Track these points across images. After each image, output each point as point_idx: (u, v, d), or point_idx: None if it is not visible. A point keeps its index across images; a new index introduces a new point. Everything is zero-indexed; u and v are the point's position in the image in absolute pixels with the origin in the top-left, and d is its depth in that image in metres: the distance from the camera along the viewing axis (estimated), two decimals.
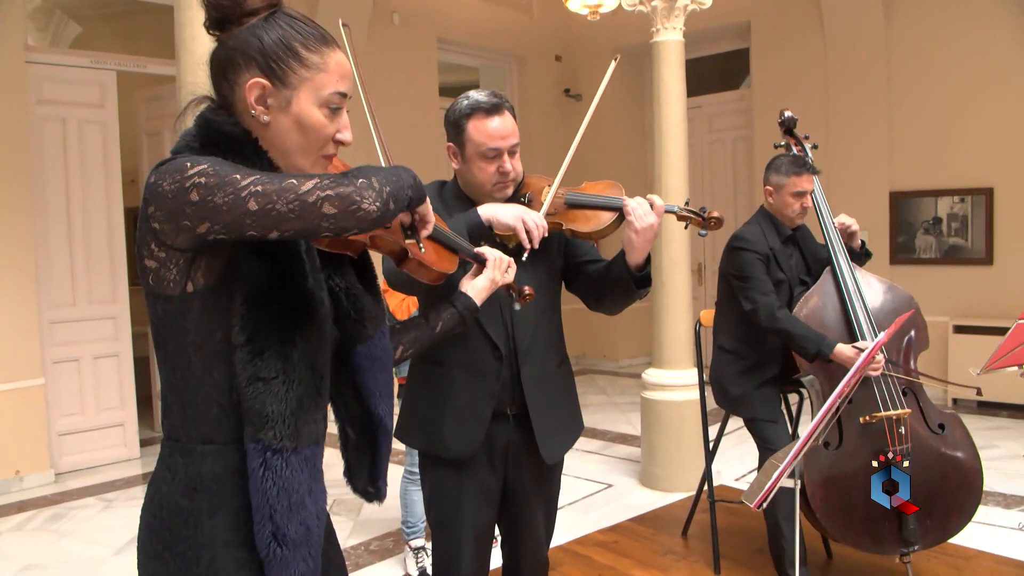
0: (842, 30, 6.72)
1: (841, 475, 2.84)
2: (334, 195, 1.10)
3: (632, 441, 5.68)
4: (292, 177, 1.11)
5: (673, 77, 4.63)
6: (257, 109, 1.24)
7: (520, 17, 8.15)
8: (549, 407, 2.18)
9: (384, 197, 1.16)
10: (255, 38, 1.24)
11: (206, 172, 1.09)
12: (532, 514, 2.27)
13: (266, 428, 1.17)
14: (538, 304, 2.12)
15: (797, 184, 3.12)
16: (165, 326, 1.22)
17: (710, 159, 7.94)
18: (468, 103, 2.08)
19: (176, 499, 1.21)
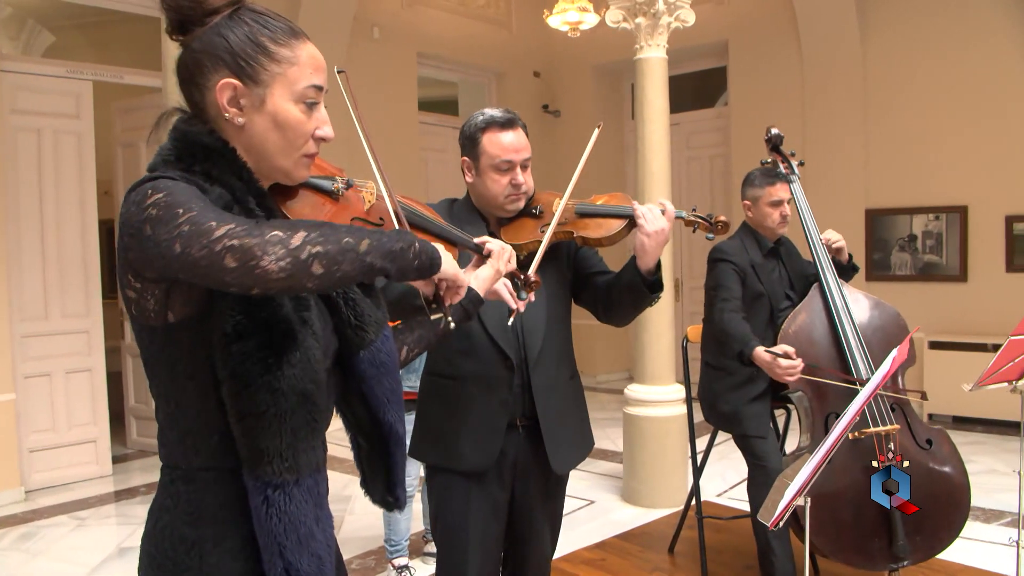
0: (819, 49, 6.82)
1: (831, 492, 2.84)
2: (238, 245, 0.99)
3: (612, 457, 5.66)
4: (216, 219, 1.02)
5: (656, 94, 4.65)
6: (230, 111, 1.19)
7: (499, 33, 8.17)
8: (559, 418, 2.21)
9: (302, 258, 1.02)
10: (220, 37, 1.18)
11: (159, 203, 1.04)
12: (539, 528, 2.29)
13: (263, 464, 1.12)
14: (549, 314, 2.19)
15: (772, 193, 3.16)
16: (155, 357, 1.18)
17: (687, 176, 7.99)
18: (483, 118, 2.18)
19: (179, 528, 1.16)
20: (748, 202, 3.24)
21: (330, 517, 1.24)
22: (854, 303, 3.04)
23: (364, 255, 1.08)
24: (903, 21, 6.47)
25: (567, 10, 6.57)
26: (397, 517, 3.69)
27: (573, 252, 2.31)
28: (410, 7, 7.30)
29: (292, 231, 1.02)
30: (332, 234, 1.05)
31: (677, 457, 4.62)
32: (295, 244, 1.01)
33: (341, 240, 1.06)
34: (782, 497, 1.52)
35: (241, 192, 1.18)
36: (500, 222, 2.24)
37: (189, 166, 1.16)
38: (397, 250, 1.13)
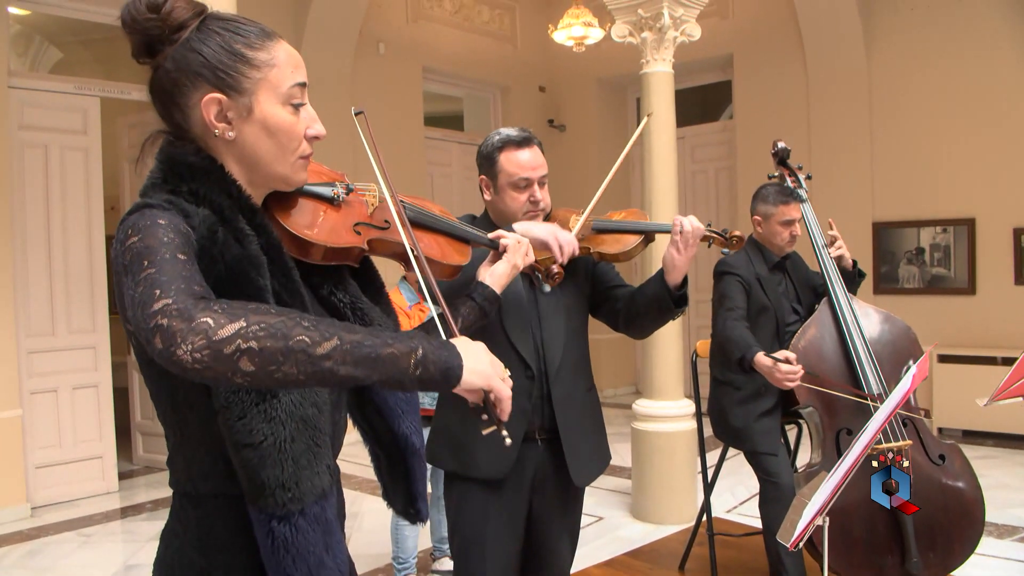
0: (823, 62, 6.82)
1: (842, 507, 2.81)
2: (166, 327, 0.91)
3: (620, 472, 5.62)
4: (163, 287, 0.95)
5: (662, 107, 4.65)
6: (219, 126, 1.15)
7: (504, 48, 8.20)
8: (579, 430, 2.24)
9: (227, 352, 0.91)
10: (194, 53, 1.14)
11: (132, 248, 1.00)
12: (557, 542, 2.30)
13: (264, 496, 1.07)
14: (568, 326, 2.22)
15: (785, 213, 3.16)
16: (157, 388, 1.16)
17: (692, 189, 7.99)
18: (500, 137, 2.23)
19: (189, 555, 1.15)
20: (759, 217, 3.22)
21: (342, 542, 1.20)
22: (864, 317, 3.03)
23: (320, 359, 0.95)
24: (908, 33, 6.47)
25: (572, 25, 6.58)
26: (405, 534, 3.67)
27: (591, 266, 2.35)
28: (415, 22, 7.32)
29: (229, 319, 0.92)
30: (283, 328, 0.93)
31: (686, 473, 4.59)
32: (222, 336, 0.91)
33: (292, 337, 0.93)
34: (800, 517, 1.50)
35: (231, 211, 1.14)
36: None
37: (176, 187, 1.12)
38: (382, 355, 0.99)
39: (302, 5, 6.30)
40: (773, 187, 3.23)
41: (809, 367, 2.93)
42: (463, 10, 7.77)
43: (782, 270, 3.25)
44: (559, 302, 2.15)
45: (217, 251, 1.09)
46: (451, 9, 7.67)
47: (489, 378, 1.13)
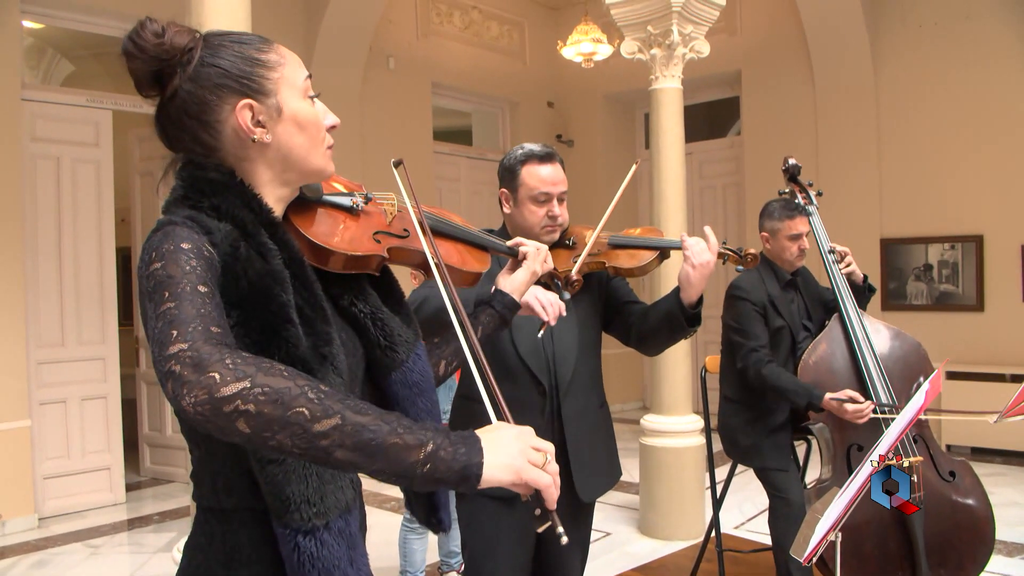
0: (831, 79, 6.84)
1: (853, 524, 2.80)
2: (177, 374, 0.91)
3: (627, 488, 5.61)
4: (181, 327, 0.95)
5: (672, 124, 4.67)
6: (257, 132, 1.17)
7: (513, 63, 8.24)
8: (588, 444, 2.25)
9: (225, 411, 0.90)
10: (211, 67, 1.15)
11: (155, 275, 1.01)
12: (567, 556, 2.31)
13: (290, 511, 1.08)
14: (580, 341, 2.23)
15: (792, 227, 3.16)
16: None
17: (700, 206, 8.00)
18: (523, 152, 2.27)
19: (214, 569, 1.15)
20: (766, 234, 3.23)
21: (365, 555, 1.20)
22: (874, 333, 3.02)
23: (316, 436, 0.91)
24: (915, 49, 6.50)
25: (581, 41, 6.64)
26: (413, 548, 3.67)
27: (605, 282, 2.36)
28: (425, 38, 7.38)
29: (236, 378, 0.90)
30: (286, 395, 0.90)
31: (695, 488, 4.58)
32: (224, 394, 0.89)
33: (292, 407, 0.90)
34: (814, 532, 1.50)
35: (253, 225, 1.14)
36: None
37: (197, 203, 1.13)
38: (387, 445, 0.93)
39: (313, 21, 6.35)
40: (778, 202, 3.24)
41: (820, 382, 2.93)
42: (472, 26, 7.82)
43: (794, 287, 3.25)
44: (572, 316, 2.15)
45: (240, 267, 1.10)
46: (460, 25, 7.72)
47: (518, 472, 1.04)
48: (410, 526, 3.66)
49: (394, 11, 7.03)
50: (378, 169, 7.02)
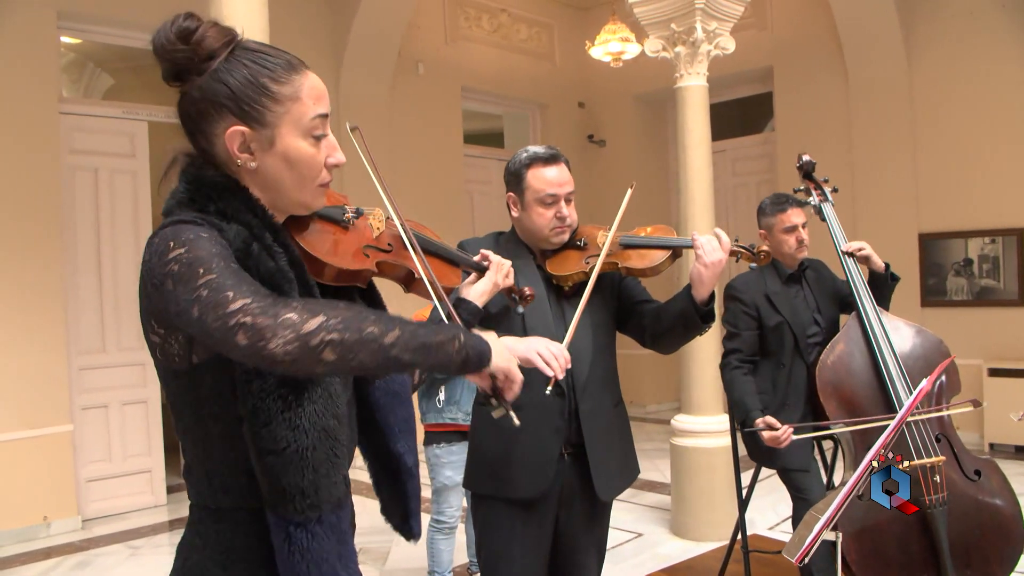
0: (865, 73, 6.73)
1: (875, 525, 2.76)
2: (251, 324, 0.99)
3: (661, 489, 5.59)
4: (234, 289, 1.02)
5: (697, 122, 4.64)
6: (242, 157, 1.18)
7: (543, 65, 8.25)
8: (605, 443, 2.26)
9: (312, 344, 1.00)
10: (221, 84, 1.17)
11: (180, 259, 1.05)
12: (583, 556, 2.31)
13: (284, 502, 1.11)
14: (595, 342, 2.25)
15: (784, 220, 3.14)
16: (180, 400, 1.19)
17: (734, 202, 7.93)
18: (527, 155, 2.27)
19: (208, 567, 1.17)
20: (763, 231, 3.24)
21: (354, 553, 1.23)
22: (894, 331, 2.97)
23: (389, 347, 1.06)
24: (950, 41, 6.36)
25: (609, 41, 6.62)
26: (440, 548, 3.69)
27: (618, 282, 2.37)
28: (453, 42, 7.42)
29: (310, 315, 1.01)
30: (355, 321, 1.03)
31: (726, 489, 4.54)
32: (308, 329, 1.00)
33: (364, 329, 1.04)
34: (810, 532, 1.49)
35: (258, 228, 1.18)
36: (545, 254, 2.30)
37: (203, 207, 1.16)
38: (433, 343, 1.11)
39: (342, 27, 6.43)
40: (770, 198, 3.26)
41: (839, 383, 2.89)
42: (501, 29, 7.85)
43: (799, 281, 3.23)
44: (586, 318, 2.15)
45: (252, 264, 1.13)
46: (489, 28, 7.75)
47: (510, 361, 1.29)
48: (437, 526, 3.69)
49: (422, 16, 7.09)
50: (408, 176, 7.12)
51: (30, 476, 4.89)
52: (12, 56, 4.91)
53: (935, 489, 2.74)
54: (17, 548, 4.77)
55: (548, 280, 2.27)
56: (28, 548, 4.77)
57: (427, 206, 6.87)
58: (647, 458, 6.63)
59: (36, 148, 5.00)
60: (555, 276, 2.26)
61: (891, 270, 3.14)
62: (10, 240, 4.89)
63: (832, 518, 1.36)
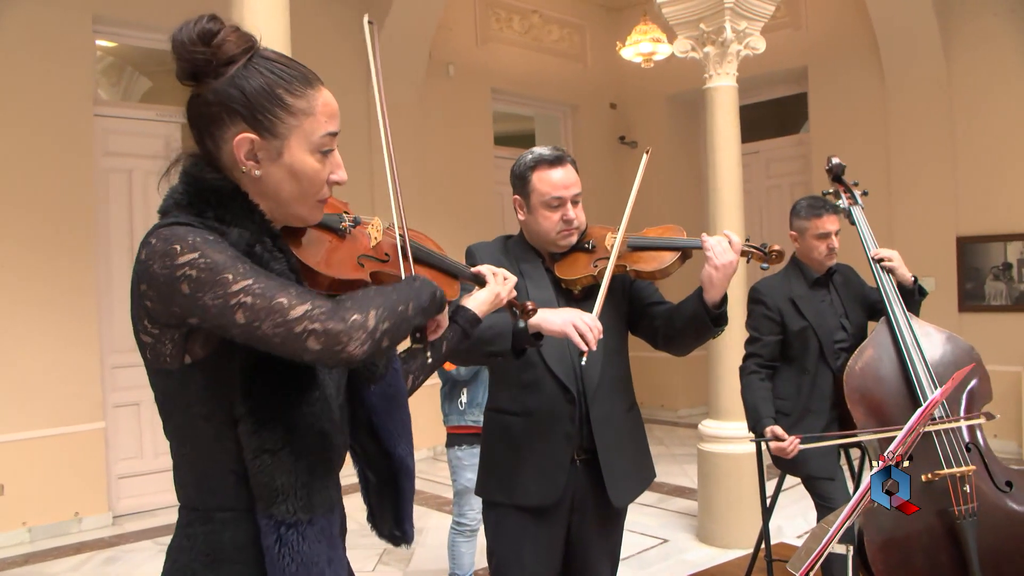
0: (901, 73, 6.59)
1: (903, 536, 2.69)
2: (322, 331, 1.04)
3: (690, 494, 5.52)
4: (283, 294, 1.05)
5: (727, 123, 4.58)
6: (248, 164, 1.18)
7: (574, 66, 8.21)
8: (618, 449, 2.21)
9: (377, 337, 1.09)
10: (236, 90, 1.16)
11: (197, 264, 1.05)
12: (596, 564, 2.27)
13: (277, 503, 1.12)
14: (606, 346, 2.17)
15: (819, 226, 3.08)
16: (170, 400, 1.19)
17: (767, 205, 7.84)
18: (532, 157, 2.22)
19: (196, 570, 1.17)
20: (794, 233, 3.17)
21: (344, 559, 1.23)
22: (924, 337, 2.89)
23: (412, 318, 1.17)
24: (989, 39, 6.20)
25: (640, 41, 6.57)
26: (461, 551, 3.68)
27: (629, 284, 2.32)
28: (484, 44, 7.41)
29: (365, 311, 1.08)
30: (391, 305, 1.12)
31: (753, 495, 4.45)
32: (371, 326, 1.08)
33: (397, 309, 1.13)
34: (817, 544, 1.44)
35: (256, 233, 1.18)
36: (554, 257, 2.26)
37: (201, 211, 1.16)
38: (427, 304, 1.21)
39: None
40: (805, 200, 3.17)
41: (867, 390, 2.83)
42: (532, 30, 7.83)
43: (825, 285, 3.17)
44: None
45: (259, 265, 1.13)
46: (520, 30, 7.73)
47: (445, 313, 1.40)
48: (458, 528, 3.68)
49: (452, 19, 7.10)
50: (437, 177, 7.13)
51: (63, 472, 4.98)
52: (48, 59, 5.00)
53: (965, 499, 2.67)
54: (49, 543, 4.85)
55: (557, 284, 2.23)
56: (60, 543, 4.85)
57: (457, 208, 6.87)
58: (676, 463, 6.56)
59: (71, 150, 5.09)
60: (564, 280, 2.21)
61: (919, 283, 3.07)
62: (45, 240, 4.97)
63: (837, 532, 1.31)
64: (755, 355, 3.11)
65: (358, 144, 6.46)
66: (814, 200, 3.17)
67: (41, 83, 4.96)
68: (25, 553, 4.73)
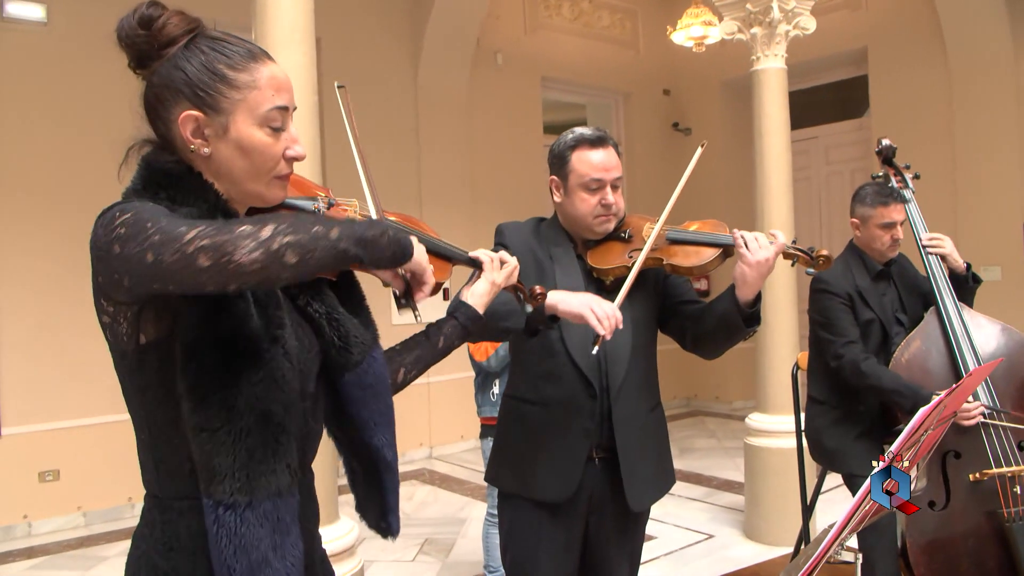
0: (966, 54, 6.29)
1: (948, 539, 2.56)
2: (209, 245, 0.98)
3: (739, 489, 5.39)
4: (187, 225, 1.01)
5: (775, 106, 4.43)
6: (195, 142, 1.17)
7: (626, 53, 8.08)
8: (639, 450, 2.12)
9: (273, 248, 1.00)
10: (178, 69, 1.17)
11: (127, 222, 1.03)
12: (615, 567, 2.19)
13: (215, 482, 1.10)
14: (634, 342, 2.11)
15: (884, 215, 2.90)
16: (129, 383, 1.18)
17: (827, 191, 7.59)
18: (573, 136, 2.13)
19: (154, 558, 1.16)
20: (857, 220, 2.98)
21: (297, 546, 1.18)
22: (976, 328, 2.74)
23: (336, 241, 1.06)
24: None
25: (691, 25, 6.41)
26: (495, 543, 3.65)
27: (662, 279, 2.21)
28: (533, 32, 7.34)
29: (261, 224, 1.01)
30: (301, 224, 1.04)
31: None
32: (265, 236, 1.00)
33: (311, 229, 1.04)
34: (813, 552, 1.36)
35: (209, 212, 1.17)
36: (587, 244, 2.17)
37: (155, 194, 1.16)
38: (369, 237, 1.10)
39: (420, 20, 6.44)
40: (872, 187, 2.98)
41: (912, 382, 2.69)
42: (582, 17, 7.72)
43: (886, 278, 3.00)
44: (625, 316, 1.98)
45: None
46: (570, 17, 7.63)
47: (423, 262, 1.27)
48: (492, 520, 3.64)
49: (500, 7, 7.04)
50: (486, 167, 7.10)
51: (117, 458, 5.09)
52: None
53: (1015, 501, 2.53)
54: (103, 527, 4.99)
55: (588, 273, 2.13)
56: (114, 527, 4.98)
57: (507, 197, 6.83)
58: (728, 456, 6.42)
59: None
60: (595, 268, 2.11)
61: (972, 271, 2.90)
62: None
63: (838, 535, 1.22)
64: (853, 342, 2.88)
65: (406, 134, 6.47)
66: (881, 187, 2.98)
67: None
68: (80, 536, 4.87)
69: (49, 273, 4.98)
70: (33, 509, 4.95)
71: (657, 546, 4.43)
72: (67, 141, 5.05)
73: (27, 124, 4.97)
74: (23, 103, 4.96)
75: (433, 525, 4.93)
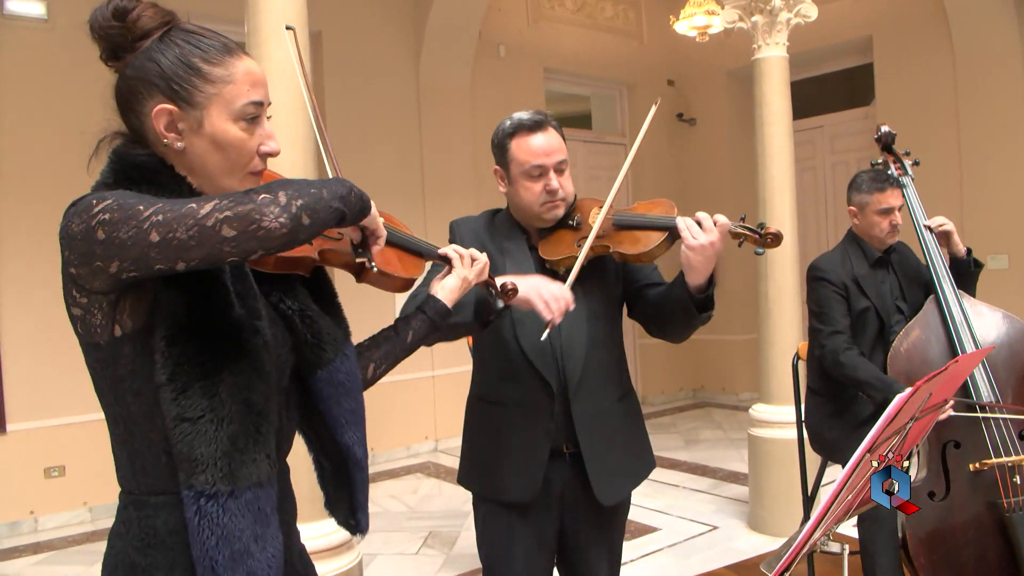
0: (972, 43, 6.22)
1: (949, 529, 2.54)
2: (232, 215, 0.99)
3: (745, 480, 5.37)
4: (193, 201, 1.01)
5: (776, 95, 4.41)
6: (168, 136, 1.16)
7: (629, 43, 8.03)
8: (605, 445, 2.05)
9: (293, 212, 1.03)
10: (152, 62, 1.16)
11: (110, 207, 1.02)
12: (593, 562, 2.14)
13: (196, 472, 1.09)
14: (592, 333, 2.03)
15: (881, 201, 2.88)
16: (101, 377, 1.17)
17: (832, 181, 7.54)
18: (511, 123, 2.05)
19: (130, 555, 1.15)
20: (854, 208, 2.97)
21: (278, 537, 1.17)
22: (976, 317, 2.71)
23: (330, 201, 1.09)
24: None
25: (694, 14, 6.36)
26: None
27: (619, 265, 2.12)
28: (536, 24, 7.30)
29: (273, 192, 1.03)
30: (300, 185, 1.07)
31: None
32: (284, 200, 1.02)
33: (309, 190, 1.06)
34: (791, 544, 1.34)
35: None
36: (540, 235, 2.09)
37: (126, 187, 1.14)
38: (345, 193, 1.13)
39: (421, 12, 6.42)
40: (867, 173, 2.96)
41: (914, 374, 2.67)
42: (585, 8, 7.67)
43: (885, 265, 2.97)
44: (580, 307, 1.93)
45: None
46: (573, 8, 7.59)
47: (376, 216, 1.30)
48: None
49: None
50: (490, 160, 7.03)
51: None
52: None
53: (1015, 491, 2.50)
54: (109, 522, 4.80)
55: (542, 264, 2.04)
56: None
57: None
58: (734, 448, 6.40)
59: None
60: (547, 260, 2.02)
61: (973, 255, 2.87)
62: None
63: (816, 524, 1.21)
64: (839, 332, 2.87)
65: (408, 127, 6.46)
66: (878, 173, 2.97)
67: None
68: (86, 532, 4.89)
69: (53, 268, 4.98)
70: (39, 504, 4.97)
71: (661, 537, 4.42)
72: (68, 138, 5.05)
73: (28, 121, 4.98)
74: (24, 100, 4.98)
75: (437, 518, 4.93)
